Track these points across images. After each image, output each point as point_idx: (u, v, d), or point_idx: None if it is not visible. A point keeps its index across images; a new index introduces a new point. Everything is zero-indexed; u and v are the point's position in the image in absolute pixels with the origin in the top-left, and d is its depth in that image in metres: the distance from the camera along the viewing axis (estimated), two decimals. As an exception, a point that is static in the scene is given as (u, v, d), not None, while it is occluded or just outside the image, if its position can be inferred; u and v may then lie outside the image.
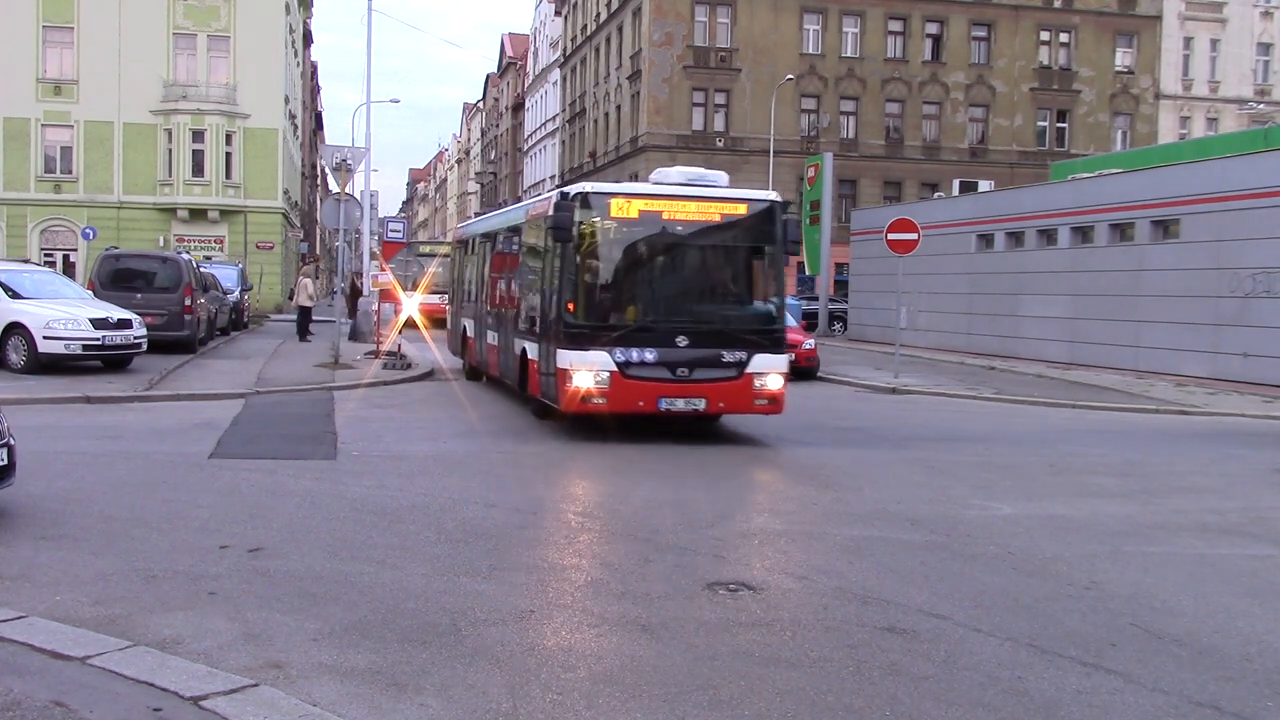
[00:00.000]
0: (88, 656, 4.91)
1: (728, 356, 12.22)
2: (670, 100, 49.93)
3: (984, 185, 36.92)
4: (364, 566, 6.87)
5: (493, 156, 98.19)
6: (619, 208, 12.21)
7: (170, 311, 21.33)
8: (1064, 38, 53.59)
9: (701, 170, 13.50)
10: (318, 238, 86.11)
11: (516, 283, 15.12)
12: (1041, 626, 6.15)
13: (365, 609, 6.01)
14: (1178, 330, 23.12)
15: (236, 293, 31.58)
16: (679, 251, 12.86)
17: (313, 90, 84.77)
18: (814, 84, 50.80)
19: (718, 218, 12.57)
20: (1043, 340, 27.18)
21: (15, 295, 17.56)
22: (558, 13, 69.49)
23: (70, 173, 44.85)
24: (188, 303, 21.69)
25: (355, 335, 27.64)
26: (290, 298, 42.43)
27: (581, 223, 12.09)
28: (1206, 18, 55.22)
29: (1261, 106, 53.48)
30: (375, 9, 43.61)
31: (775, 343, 12.57)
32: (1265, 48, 56.15)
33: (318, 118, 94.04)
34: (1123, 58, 54.40)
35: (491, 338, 16.76)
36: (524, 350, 14.09)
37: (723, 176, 13.37)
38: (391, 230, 25.27)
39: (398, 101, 56.38)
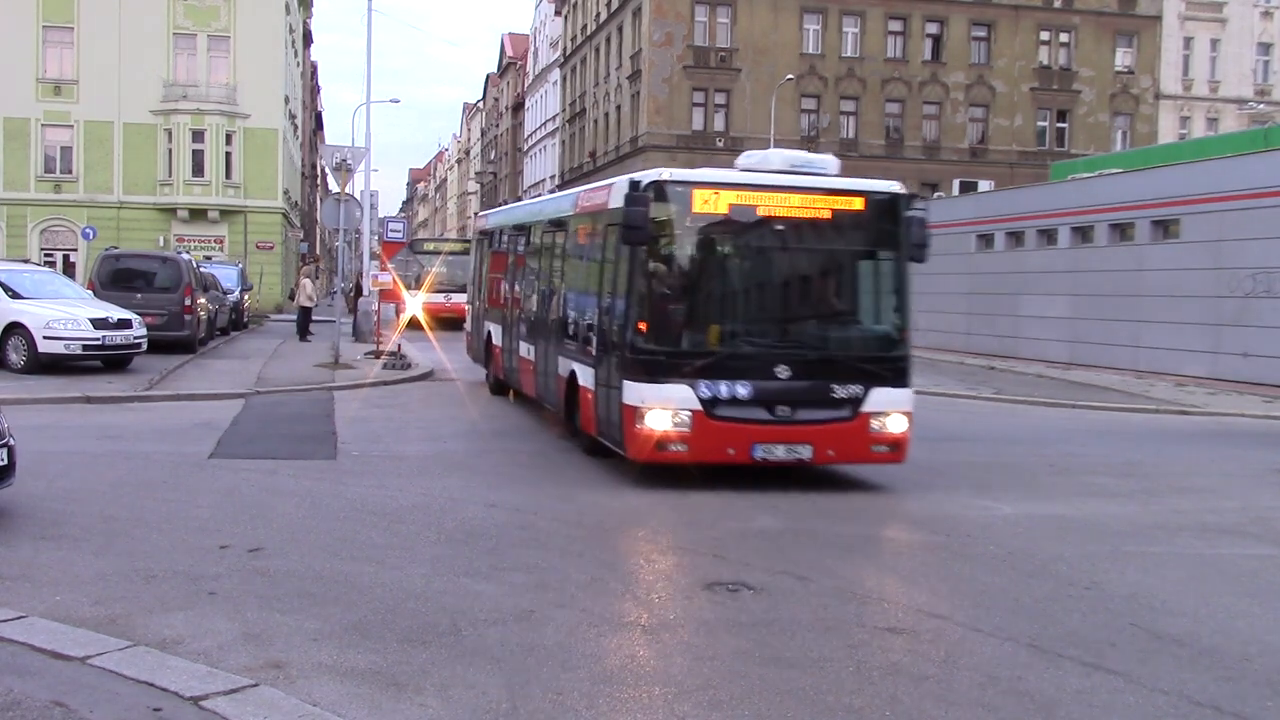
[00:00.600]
0: (88, 656, 4.92)
1: (839, 391, 9.85)
2: (670, 100, 49.92)
3: (984, 185, 36.96)
4: (364, 566, 6.87)
5: (493, 156, 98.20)
6: (704, 201, 9.78)
7: (170, 311, 21.32)
8: (1064, 38, 53.56)
9: (805, 154, 10.88)
10: (318, 238, 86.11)
11: (562, 288, 12.61)
12: (1041, 626, 6.15)
13: (365, 609, 6.01)
14: (1178, 330, 23.12)
15: (236, 293, 31.59)
16: (779, 256, 10.38)
17: (313, 90, 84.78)
18: (814, 84, 50.76)
19: (827, 214, 10.09)
20: (1043, 340, 27.18)
21: (15, 295, 17.56)
22: (558, 13, 69.49)
23: (70, 173, 44.85)
24: (188, 303, 21.69)
25: (356, 335, 27.67)
26: (291, 298, 42.45)
27: (656, 219, 9.70)
28: (1206, 18, 55.20)
29: (1261, 106, 53.44)
30: (375, 9, 43.70)
31: (897, 374, 10.17)
32: (1265, 48, 56.11)
33: (318, 118, 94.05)
34: (1123, 58, 54.36)
35: (526, 350, 14.14)
36: (573, 373, 11.59)
37: (831, 162, 10.71)
38: (391, 230, 25.26)
39: (398, 101, 56.32)
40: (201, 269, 26.08)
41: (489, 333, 16.93)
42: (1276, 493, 11.13)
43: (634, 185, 9.76)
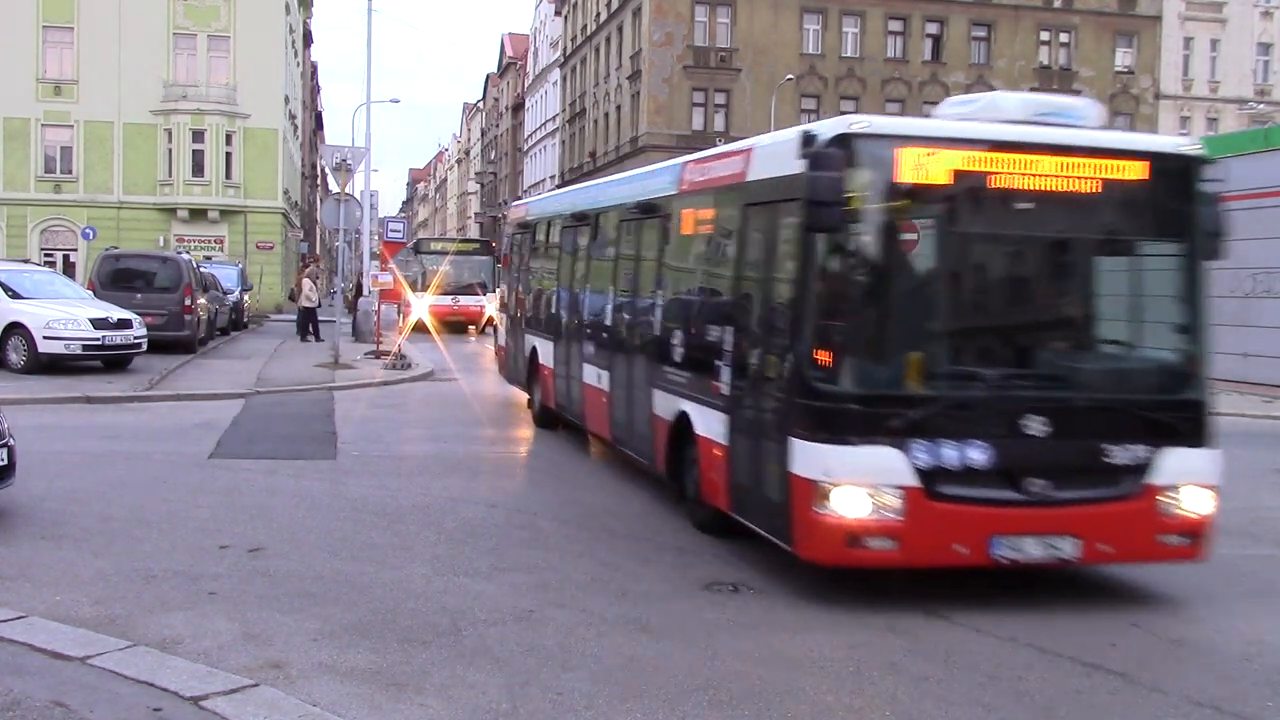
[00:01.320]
0: (88, 656, 4.92)
1: (1116, 455, 6.58)
2: (670, 100, 49.93)
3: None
4: (364, 566, 6.88)
5: (493, 156, 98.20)
6: (915, 165, 6.44)
7: (170, 311, 21.31)
8: (1064, 38, 53.59)
9: (1056, 98, 7.78)
10: (318, 238, 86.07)
11: (663, 295, 9.31)
12: (1040, 626, 6.16)
13: (365, 609, 6.01)
14: (1178, 330, 23.08)
15: (236, 293, 31.60)
16: (1025, 251, 7.22)
17: (313, 90, 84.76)
18: (814, 84, 50.78)
19: (1095, 186, 6.69)
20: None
21: (15, 295, 17.54)
22: (558, 13, 69.50)
23: (70, 173, 44.84)
24: (188, 303, 21.67)
25: (356, 335, 27.69)
26: (291, 298, 42.51)
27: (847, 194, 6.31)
28: (1206, 18, 55.21)
29: (1261, 106, 53.45)
30: (375, 9, 43.45)
31: (1193, 426, 6.81)
32: (1265, 48, 56.12)
33: (318, 118, 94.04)
34: (1123, 58, 54.38)
35: (595, 376, 10.83)
36: (684, 416, 8.39)
37: (1091, 108, 7.21)
38: (392, 230, 25.29)
39: (398, 101, 56.19)
40: (201, 269, 26.07)
41: (533, 349, 13.48)
42: (1276, 493, 11.13)
43: (808, 140, 6.51)
